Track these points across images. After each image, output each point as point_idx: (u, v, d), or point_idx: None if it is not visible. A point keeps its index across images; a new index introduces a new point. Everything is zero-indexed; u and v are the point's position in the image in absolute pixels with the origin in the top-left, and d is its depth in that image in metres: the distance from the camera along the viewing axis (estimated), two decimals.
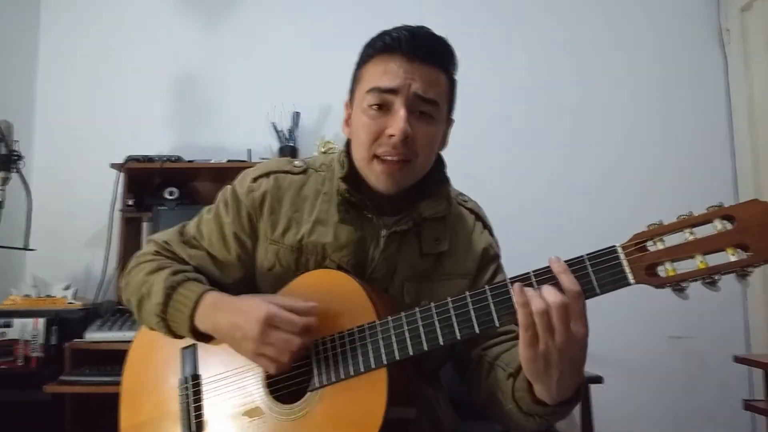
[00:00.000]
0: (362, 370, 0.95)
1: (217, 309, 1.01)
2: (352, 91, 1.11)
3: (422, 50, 1.03)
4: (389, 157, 1.03)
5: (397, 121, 1.00)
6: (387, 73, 1.02)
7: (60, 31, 2.91)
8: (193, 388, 1.08)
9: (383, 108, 1.02)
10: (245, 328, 0.95)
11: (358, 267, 1.09)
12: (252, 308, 0.96)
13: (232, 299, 1.02)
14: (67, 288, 2.45)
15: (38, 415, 2.18)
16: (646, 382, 2.58)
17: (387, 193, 1.07)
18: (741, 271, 0.74)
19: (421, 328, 0.93)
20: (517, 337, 0.85)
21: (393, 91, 1.01)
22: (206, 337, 1.04)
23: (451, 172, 1.18)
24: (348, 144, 1.14)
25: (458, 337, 0.91)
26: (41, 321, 2.17)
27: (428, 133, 1.05)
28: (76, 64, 2.88)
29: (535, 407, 0.91)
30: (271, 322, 0.93)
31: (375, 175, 1.05)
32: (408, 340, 0.93)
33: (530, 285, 0.85)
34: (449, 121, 1.13)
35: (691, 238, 0.77)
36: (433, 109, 1.04)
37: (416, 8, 2.83)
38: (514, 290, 0.83)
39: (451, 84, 1.09)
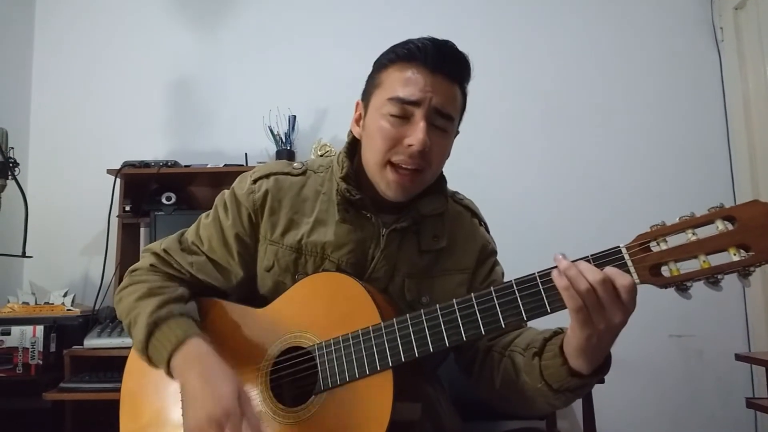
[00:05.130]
0: (368, 372, 0.95)
1: (194, 365, 0.98)
2: (368, 92, 1.11)
3: (445, 65, 1.04)
4: (404, 166, 1.04)
5: (418, 131, 1.02)
6: (409, 83, 1.03)
7: (55, 37, 2.90)
8: None
9: (403, 117, 1.03)
10: (204, 403, 0.92)
11: (357, 266, 1.10)
12: (224, 388, 0.93)
13: (212, 363, 0.98)
14: (65, 295, 2.44)
15: (38, 423, 2.18)
16: (647, 381, 2.58)
17: (395, 200, 1.08)
18: (743, 270, 0.76)
19: (426, 330, 0.93)
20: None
21: (414, 103, 1.02)
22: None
23: (447, 171, 1.18)
24: (350, 145, 1.15)
25: (464, 339, 0.91)
26: (40, 328, 2.16)
27: (442, 146, 1.08)
28: (71, 69, 2.88)
29: (570, 381, 0.90)
30: (226, 416, 0.90)
31: (386, 183, 1.07)
32: (413, 342, 0.93)
33: (537, 290, 0.87)
34: (456, 133, 1.14)
35: (693, 238, 0.78)
36: (448, 123, 1.07)
37: (411, 8, 2.84)
38: (554, 276, 0.83)
39: (464, 98, 1.11)
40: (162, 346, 1.01)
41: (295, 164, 1.20)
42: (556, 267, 0.84)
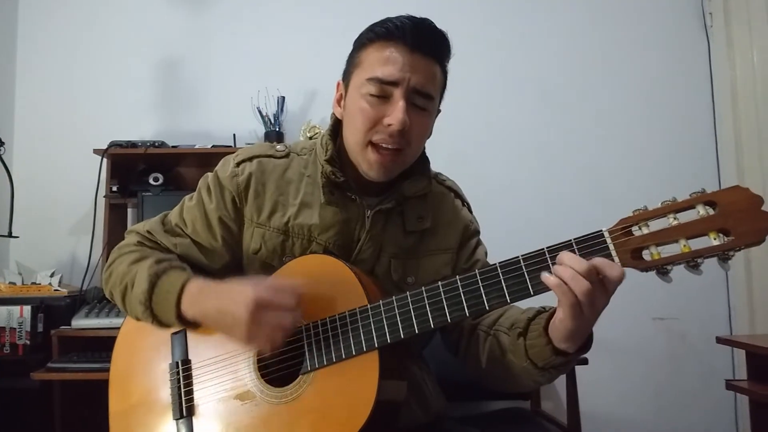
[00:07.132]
0: (354, 353, 0.96)
1: (204, 295, 1.01)
2: (348, 72, 1.11)
3: (424, 43, 1.04)
4: (384, 145, 1.05)
5: (397, 111, 1.02)
6: (388, 62, 1.03)
7: (40, 15, 2.85)
8: (183, 372, 1.08)
9: (382, 97, 1.04)
10: (235, 313, 0.94)
11: (344, 248, 1.11)
12: (239, 293, 0.95)
13: (218, 285, 1.01)
14: (52, 275, 2.43)
15: (26, 403, 2.18)
16: (630, 363, 2.62)
17: (377, 180, 1.09)
18: (723, 254, 0.77)
19: (412, 312, 0.94)
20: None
21: (393, 83, 1.03)
22: (193, 324, 1.04)
23: (436, 155, 1.19)
24: (333, 127, 1.15)
25: (449, 320, 0.93)
26: (27, 308, 2.16)
27: (422, 125, 1.08)
28: (57, 48, 2.83)
29: (554, 359, 0.92)
30: (260, 303, 0.93)
31: (368, 163, 1.07)
32: (399, 323, 0.95)
33: (521, 273, 0.88)
34: (437, 112, 1.14)
35: (674, 223, 0.80)
36: (428, 102, 1.07)
37: None
38: (543, 277, 0.84)
39: (444, 76, 1.11)
40: (168, 293, 1.02)
41: (278, 146, 1.20)
42: (540, 252, 0.86)
